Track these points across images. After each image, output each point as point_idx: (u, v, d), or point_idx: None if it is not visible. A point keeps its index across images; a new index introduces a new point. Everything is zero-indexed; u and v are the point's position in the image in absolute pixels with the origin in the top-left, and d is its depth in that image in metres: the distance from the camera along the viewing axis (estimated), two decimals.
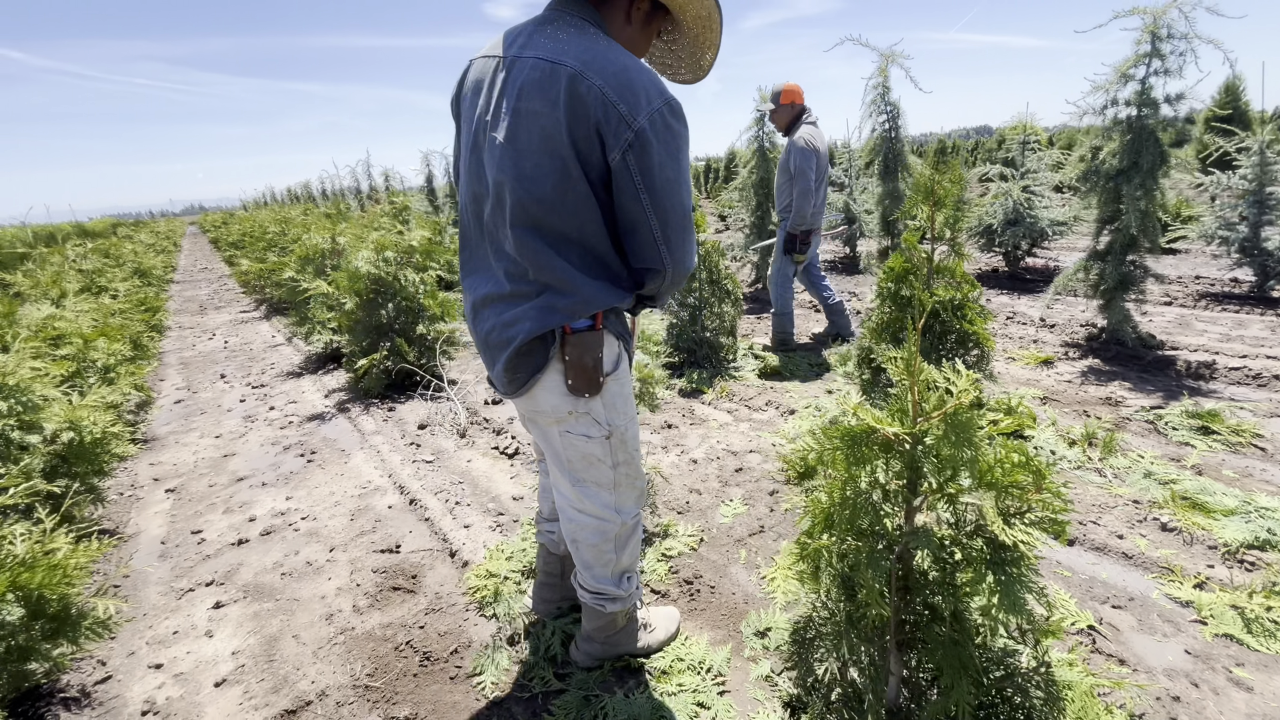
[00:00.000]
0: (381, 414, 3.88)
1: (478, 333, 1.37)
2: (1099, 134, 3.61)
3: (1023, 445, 1.09)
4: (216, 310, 8.27)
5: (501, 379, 1.35)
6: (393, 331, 4.27)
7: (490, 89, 1.23)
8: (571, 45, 1.16)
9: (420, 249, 4.33)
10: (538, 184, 1.17)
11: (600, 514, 1.50)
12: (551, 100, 1.13)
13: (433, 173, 13.64)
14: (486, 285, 1.33)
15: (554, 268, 1.22)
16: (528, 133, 1.16)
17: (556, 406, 1.35)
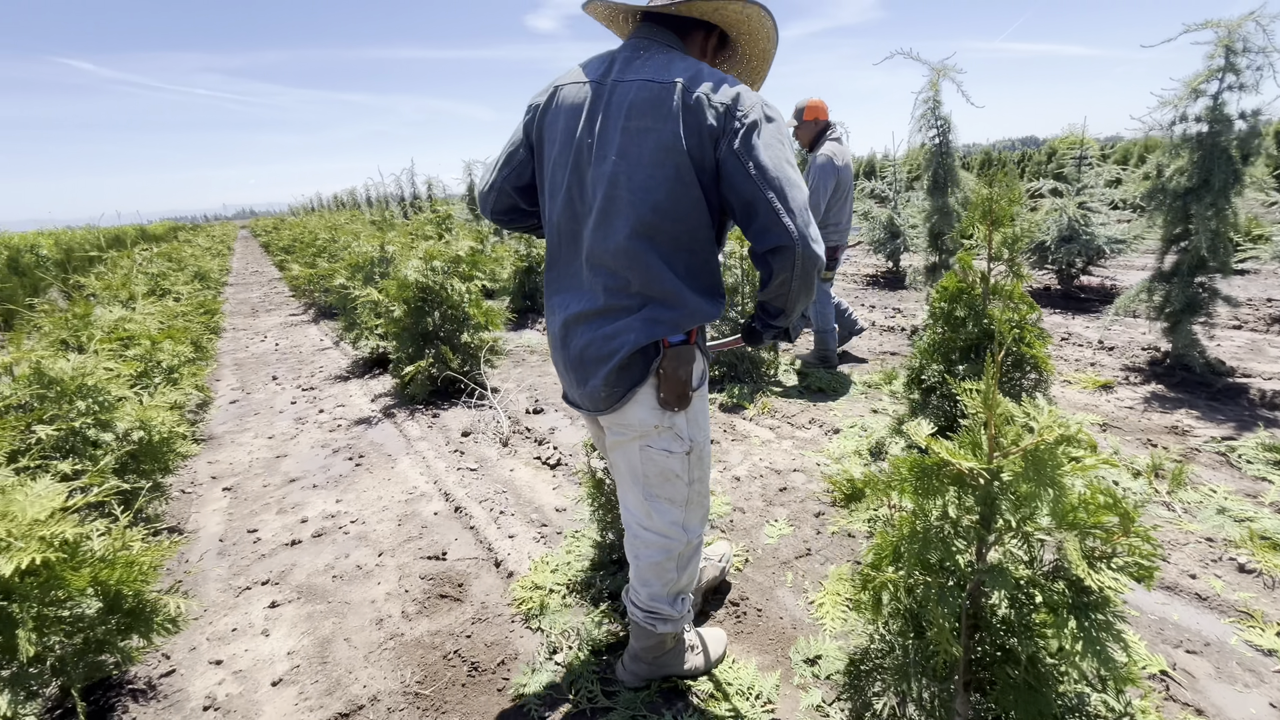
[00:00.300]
0: (426, 420, 3.96)
1: (568, 350, 1.39)
2: (1166, 150, 3.47)
3: (1111, 487, 1.04)
4: (268, 313, 8.58)
5: (596, 394, 1.36)
6: (438, 339, 4.36)
7: (592, 112, 1.30)
8: (673, 66, 1.26)
9: (466, 259, 4.42)
10: (653, 193, 1.24)
11: (667, 531, 1.50)
12: (665, 114, 1.22)
13: (474, 181, 13.93)
14: (580, 303, 1.36)
15: (662, 279, 1.27)
16: (641, 147, 1.23)
17: (644, 420, 1.37)
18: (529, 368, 4.98)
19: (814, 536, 2.43)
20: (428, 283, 4.23)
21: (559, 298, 1.42)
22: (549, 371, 4.84)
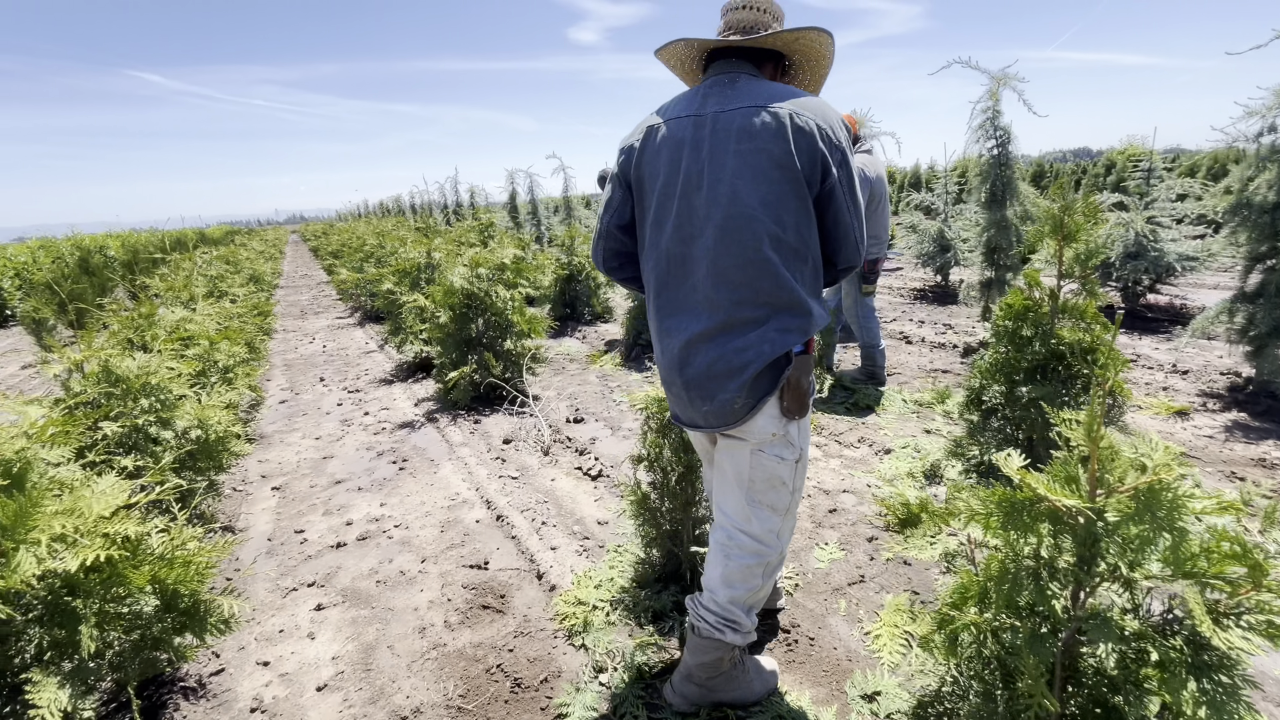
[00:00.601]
0: (468, 426, 3.98)
1: (688, 369, 1.41)
2: (1252, 163, 3.25)
3: (1239, 534, 0.94)
4: (316, 315, 8.84)
5: (727, 408, 1.39)
6: (481, 345, 4.39)
7: (697, 141, 1.38)
8: (768, 92, 1.37)
9: (511, 266, 4.45)
10: (774, 208, 1.33)
11: (764, 538, 1.52)
12: (776, 135, 1.32)
13: (516, 190, 14.14)
14: (700, 322, 1.39)
15: (789, 289, 1.34)
16: (757, 166, 1.32)
17: (764, 429, 1.42)
18: (569, 376, 4.98)
19: (867, 562, 2.33)
20: (473, 289, 4.27)
21: (674, 320, 1.44)
22: (589, 380, 4.82)
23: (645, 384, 4.59)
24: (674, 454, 2.11)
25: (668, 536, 2.23)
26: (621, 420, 3.94)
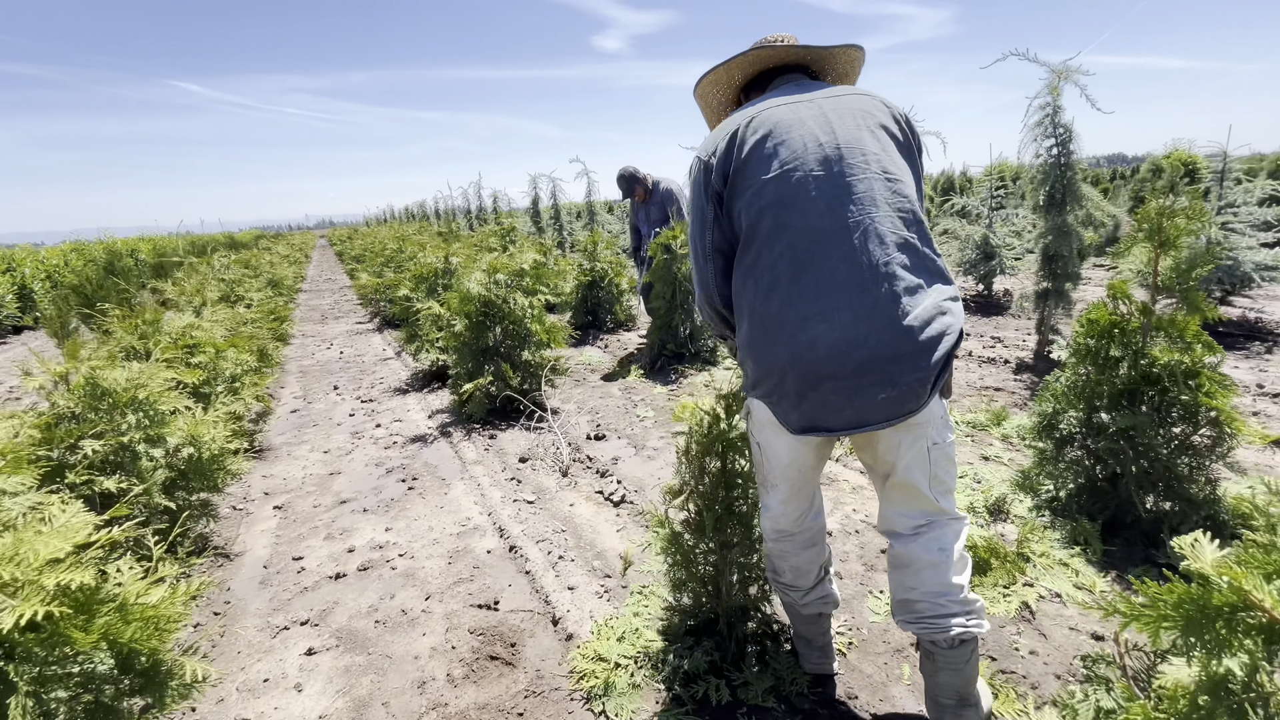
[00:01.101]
0: (483, 441, 3.75)
1: (861, 352, 1.24)
2: None
3: None
4: (336, 320, 8.76)
5: (909, 393, 1.25)
6: (498, 355, 4.17)
7: (819, 117, 1.36)
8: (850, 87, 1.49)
9: (530, 272, 4.23)
10: (905, 180, 1.35)
11: (957, 513, 1.43)
12: (886, 115, 1.40)
13: (539, 195, 14.01)
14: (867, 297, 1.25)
15: (936, 257, 1.34)
16: (887, 146, 1.36)
17: (933, 411, 1.35)
18: (590, 388, 4.73)
19: None
20: (490, 296, 4.05)
21: (825, 301, 1.27)
22: (611, 393, 4.57)
23: (671, 398, 4.32)
24: (713, 486, 1.83)
25: (701, 581, 1.95)
26: (646, 438, 3.67)
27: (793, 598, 1.64)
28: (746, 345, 1.38)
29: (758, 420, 1.47)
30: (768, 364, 1.32)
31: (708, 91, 1.62)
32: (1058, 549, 2.30)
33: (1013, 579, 2.14)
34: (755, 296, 1.34)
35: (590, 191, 11.38)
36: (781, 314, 1.30)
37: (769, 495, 1.54)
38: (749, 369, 1.40)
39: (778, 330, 1.30)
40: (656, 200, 5.43)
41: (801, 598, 1.62)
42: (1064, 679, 1.73)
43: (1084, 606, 2.02)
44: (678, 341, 5.18)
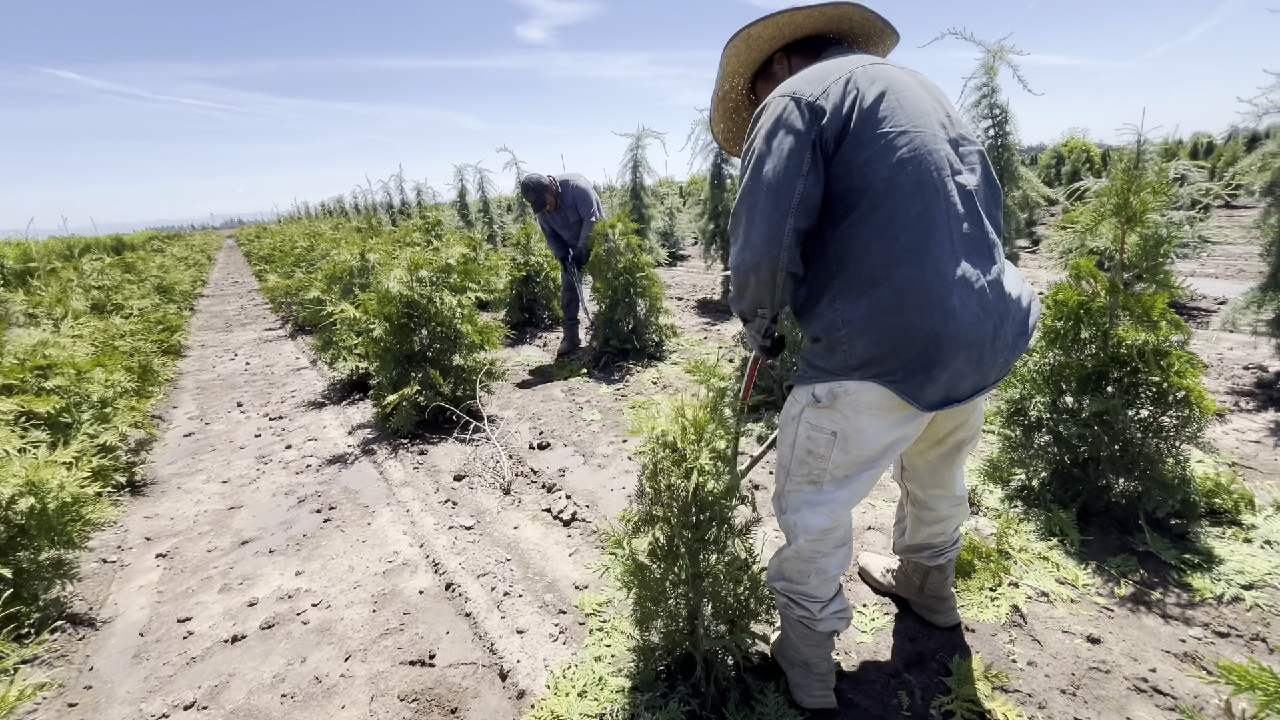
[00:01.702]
0: (412, 459, 3.35)
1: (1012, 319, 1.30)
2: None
3: None
4: (242, 327, 7.93)
5: (1017, 354, 1.34)
6: (425, 361, 3.76)
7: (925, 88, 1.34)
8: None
9: (457, 268, 3.83)
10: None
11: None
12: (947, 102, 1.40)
13: (465, 187, 13.35)
14: (995, 263, 1.31)
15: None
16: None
17: None
18: (531, 392, 4.39)
19: (921, 632, 1.85)
20: (413, 296, 3.64)
21: (977, 260, 1.26)
22: (553, 395, 4.25)
23: (618, 398, 4.05)
24: (684, 510, 1.58)
25: (672, 616, 1.70)
26: (594, 445, 3.39)
27: (810, 611, 1.50)
28: (867, 316, 1.24)
29: (849, 406, 1.32)
30: (902, 336, 1.22)
31: (754, 40, 1.46)
32: (1035, 541, 2.20)
33: (998, 580, 2.01)
34: (889, 260, 1.22)
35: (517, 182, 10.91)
36: (926, 280, 1.21)
37: (834, 491, 1.42)
38: (857, 345, 1.26)
39: (922, 298, 1.21)
40: (569, 203, 4.95)
41: (820, 610, 1.50)
42: (1070, 694, 1.60)
43: (1072, 603, 1.91)
44: (621, 337, 4.91)
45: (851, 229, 1.25)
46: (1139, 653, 1.71)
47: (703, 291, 7.63)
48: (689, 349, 5.12)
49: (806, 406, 1.40)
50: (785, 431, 1.50)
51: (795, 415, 1.45)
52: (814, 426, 1.39)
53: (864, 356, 1.26)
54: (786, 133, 1.24)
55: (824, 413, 1.37)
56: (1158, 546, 2.09)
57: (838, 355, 1.29)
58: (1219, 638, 1.76)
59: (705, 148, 6.44)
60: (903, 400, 1.26)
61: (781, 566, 1.54)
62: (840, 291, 1.27)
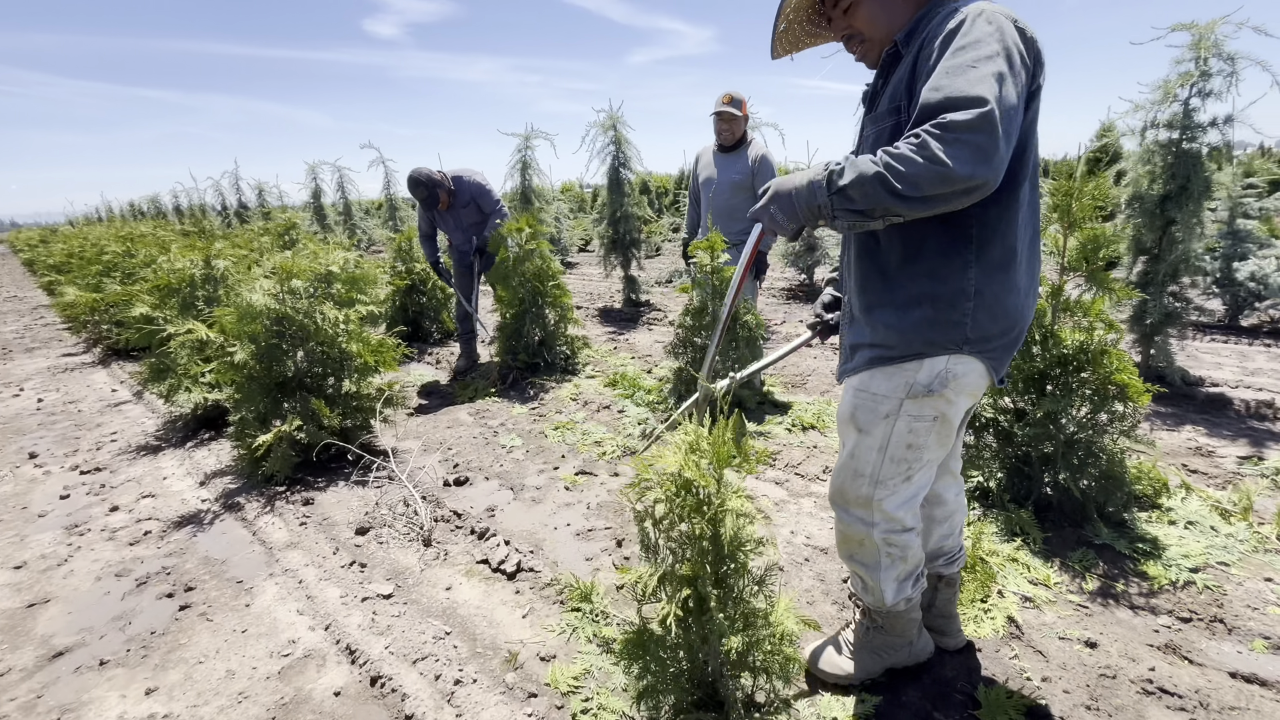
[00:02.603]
0: (296, 511, 2.72)
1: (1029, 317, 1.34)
2: (1144, 157, 3.34)
3: None
4: (28, 354, 6.31)
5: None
6: (304, 389, 3.12)
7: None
8: None
9: (342, 276, 3.23)
10: None
11: None
12: None
13: (321, 187, 11.99)
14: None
15: None
16: None
17: None
18: (432, 418, 3.84)
19: (932, 663, 1.73)
20: (285, 311, 3.00)
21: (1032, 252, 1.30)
22: (460, 420, 3.75)
23: (535, 419, 3.66)
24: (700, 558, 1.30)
25: (691, 685, 1.41)
26: (522, 475, 2.99)
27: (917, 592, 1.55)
28: (998, 293, 1.24)
29: (959, 386, 1.30)
30: (1013, 316, 1.27)
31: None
32: (1000, 543, 2.21)
33: (987, 590, 1.96)
34: (1025, 240, 1.25)
35: (390, 184, 9.93)
36: (1034, 268, 1.31)
37: (924, 473, 1.40)
38: (981, 319, 1.24)
39: (1030, 282, 1.30)
40: (465, 201, 4.44)
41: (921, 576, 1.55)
42: (1093, 709, 1.55)
43: (1051, 605, 1.91)
44: (529, 350, 4.51)
45: (1009, 197, 1.19)
46: (1133, 651, 1.73)
47: (601, 299, 7.38)
48: (602, 361, 4.84)
49: (905, 399, 1.31)
50: (871, 432, 1.36)
51: (891, 412, 1.32)
52: (916, 418, 1.32)
53: (983, 331, 1.25)
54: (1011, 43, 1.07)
55: (928, 401, 1.30)
56: (1110, 538, 2.18)
57: (954, 326, 1.24)
58: (1184, 623, 1.84)
59: (602, 151, 6.22)
60: (990, 376, 1.31)
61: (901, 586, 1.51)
62: (978, 259, 1.21)
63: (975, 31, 1.06)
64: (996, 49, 1.04)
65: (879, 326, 1.30)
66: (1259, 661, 1.68)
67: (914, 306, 1.25)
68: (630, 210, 6.36)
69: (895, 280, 1.27)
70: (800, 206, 1.15)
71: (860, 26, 1.28)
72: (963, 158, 0.98)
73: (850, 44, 1.32)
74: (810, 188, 1.12)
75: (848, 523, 1.48)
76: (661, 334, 5.70)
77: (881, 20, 1.25)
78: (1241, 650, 1.73)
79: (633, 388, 3.98)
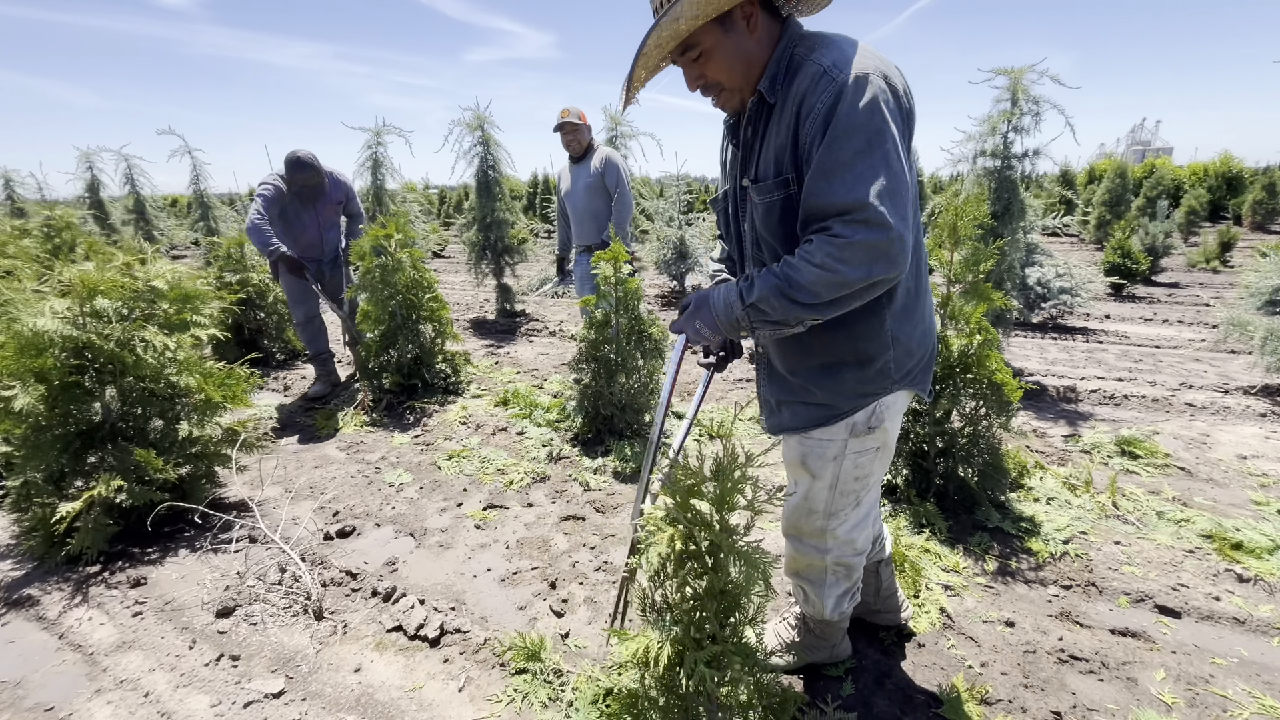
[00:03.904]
0: (123, 598, 2.12)
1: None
2: (975, 182, 3.85)
3: None
4: None
5: None
6: (122, 437, 2.46)
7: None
8: None
9: (171, 293, 2.60)
10: None
11: None
12: None
13: (99, 180, 9.89)
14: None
15: None
16: None
17: None
18: (295, 457, 3.27)
19: (885, 669, 1.79)
20: (89, 338, 2.34)
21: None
22: (330, 457, 3.24)
23: (423, 449, 3.29)
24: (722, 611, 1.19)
25: None
26: (420, 517, 2.63)
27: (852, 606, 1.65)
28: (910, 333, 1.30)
29: (894, 413, 1.38)
30: (925, 343, 1.35)
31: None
32: (911, 535, 2.38)
33: (918, 586, 2.09)
34: (912, 276, 1.27)
35: (199, 178, 8.42)
36: (925, 285, 1.35)
37: (870, 497, 1.49)
38: (903, 360, 1.30)
39: (927, 303, 1.35)
40: (336, 198, 3.92)
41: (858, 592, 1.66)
42: (1028, 686, 1.70)
43: (965, 590, 2.09)
44: (403, 371, 4.05)
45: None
46: (1041, 625, 1.93)
47: (472, 310, 6.91)
48: (486, 378, 4.51)
49: (849, 439, 1.36)
50: (822, 475, 1.40)
51: (836, 454, 1.37)
52: (860, 453, 1.38)
53: (904, 368, 1.32)
54: (886, 107, 1.08)
55: (869, 437, 1.37)
56: (998, 520, 2.44)
57: (881, 376, 1.30)
58: (1067, 590, 2.11)
59: (469, 152, 5.82)
60: (918, 394, 1.42)
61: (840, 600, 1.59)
62: (890, 309, 1.25)
63: (852, 118, 1.06)
64: (875, 132, 1.06)
65: (811, 388, 1.34)
66: (1127, 616, 1.98)
67: (841, 369, 1.29)
68: (502, 216, 6.03)
69: (812, 347, 1.31)
70: (721, 321, 1.23)
71: (716, 76, 1.22)
72: (855, 261, 1.05)
73: (708, 93, 1.25)
74: (727, 305, 1.20)
75: (803, 552, 1.55)
76: (545, 346, 5.46)
77: (738, 68, 1.20)
78: (1113, 608, 2.01)
79: (529, 406, 3.73)
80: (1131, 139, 48.13)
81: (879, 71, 1.09)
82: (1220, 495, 2.69)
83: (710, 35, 1.16)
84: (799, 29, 1.22)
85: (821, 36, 1.18)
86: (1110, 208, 10.82)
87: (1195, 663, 1.78)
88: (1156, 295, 7.13)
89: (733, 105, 1.27)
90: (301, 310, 4.06)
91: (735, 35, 1.18)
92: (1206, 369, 4.47)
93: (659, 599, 1.20)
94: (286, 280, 3.94)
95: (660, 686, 1.24)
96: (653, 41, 1.15)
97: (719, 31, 1.16)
